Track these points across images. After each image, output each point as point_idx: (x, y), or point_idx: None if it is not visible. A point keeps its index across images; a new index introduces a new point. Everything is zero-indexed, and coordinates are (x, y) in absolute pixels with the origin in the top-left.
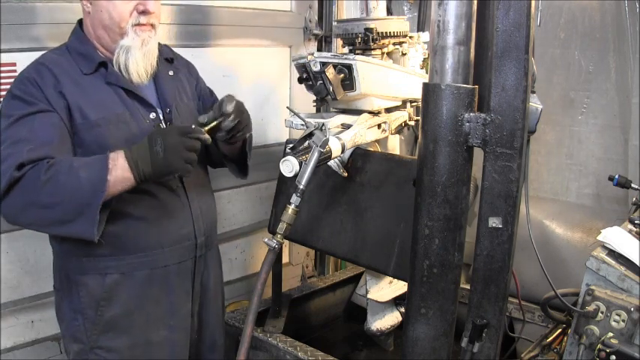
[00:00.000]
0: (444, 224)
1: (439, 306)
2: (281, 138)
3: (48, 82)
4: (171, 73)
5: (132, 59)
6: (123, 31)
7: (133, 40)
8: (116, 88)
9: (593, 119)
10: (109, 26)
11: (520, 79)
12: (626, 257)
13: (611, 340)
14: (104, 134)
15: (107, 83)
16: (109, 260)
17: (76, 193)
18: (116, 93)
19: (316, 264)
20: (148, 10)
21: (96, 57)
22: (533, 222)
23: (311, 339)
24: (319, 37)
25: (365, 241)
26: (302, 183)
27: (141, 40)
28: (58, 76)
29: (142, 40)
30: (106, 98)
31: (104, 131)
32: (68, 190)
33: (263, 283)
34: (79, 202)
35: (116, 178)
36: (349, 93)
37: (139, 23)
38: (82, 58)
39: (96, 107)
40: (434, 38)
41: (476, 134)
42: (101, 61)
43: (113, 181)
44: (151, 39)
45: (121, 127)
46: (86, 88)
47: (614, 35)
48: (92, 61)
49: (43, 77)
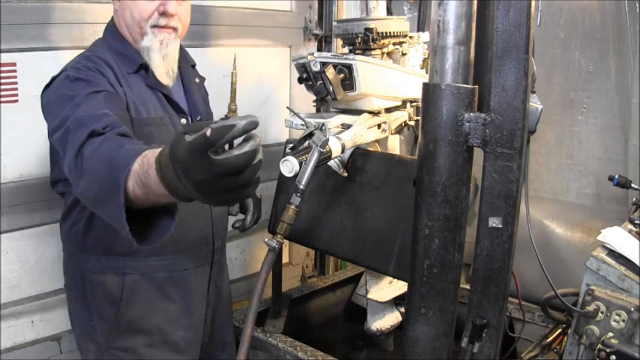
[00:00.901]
0: (444, 224)
1: (439, 306)
2: (281, 138)
3: (107, 73)
4: (198, 81)
5: (152, 61)
6: (143, 31)
7: (150, 42)
8: (155, 91)
9: (593, 119)
10: (130, 25)
11: (520, 79)
12: (626, 257)
13: (611, 340)
14: (154, 134)
15: (147, 86)
16: (129, 260)
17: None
18: (156, 96)
19: (316, 264)
20: (167, 12)
21: (137, 57)
22: (533, 222)
23: (311, 339)
24: (319, 37)
25: (365, 241)
26: (302, 183)
27: (159, 41)
28: (114, 69)
29: (159, 41)
30: (149, 100)
31: (154, 131)
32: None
33: (263, 283)
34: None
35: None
36: (349, 93)
37: (158, 25)
38: (123, 58)
39: (144, 106)
40: (434, 38)
41: (476, 134)
42: (142, 63)
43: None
44: (170, 42)
45: (164, 131)
46: (133, 87)
47: (614, 35)
48: (133, 62)
49: (102, 67)
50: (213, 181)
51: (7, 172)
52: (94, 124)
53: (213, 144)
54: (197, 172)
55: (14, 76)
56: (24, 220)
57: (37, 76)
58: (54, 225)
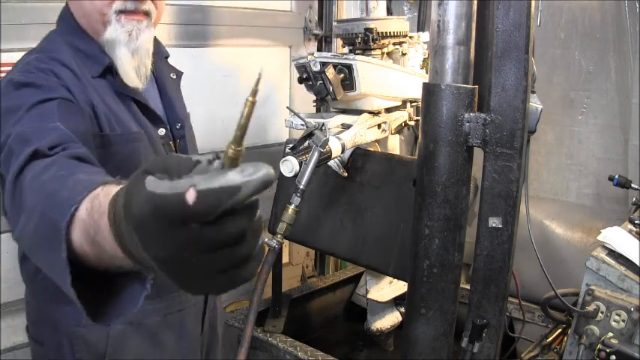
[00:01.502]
0: (444, 224)
1: (439, 306)
2: (281, 138)
3: (64, 75)
4: (174, 77)
5: (118, 59)
6: (105, 19)
7: (116, 32)
8: (125, 98)
9: (593, 119)
10: (89, 12)
11: (520, 79)
12: (626, 257)
13: (611, 340)
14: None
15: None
16: None
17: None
18: (127, 106)
19: (316, 264)
20: None
21: (102, 57)
22: (533, 222)
23: (311, 339)
24: (319, 37)
25: (365, 241)
26: (302, 183)
27: (127, 32)
28: (75, 72)
29: (127, 32)
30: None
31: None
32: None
33: (263, 283)
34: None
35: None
36: (349, 93)
37: (126, 10)
38: (84, 57)
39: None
40: (434, 38)
41: (476, 134)
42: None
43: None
44: (141, 32)
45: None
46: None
47: (614, 35)
48: (99, 62)
49: (57, 68)
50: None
51: None
52: (39, 141)
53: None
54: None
55: None
56: None
57: None
58: None
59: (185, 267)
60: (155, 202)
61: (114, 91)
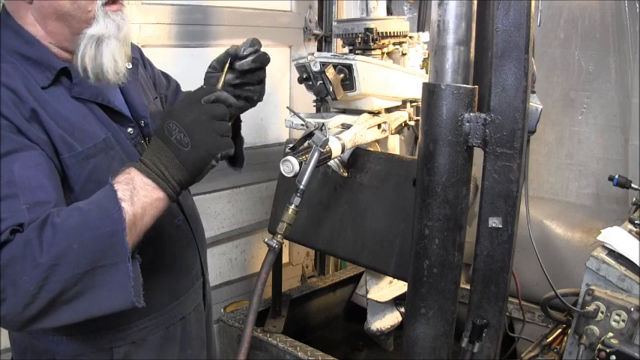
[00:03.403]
0: (444, 224)
1: (439, 306)
2: (281, 138)
3: (11, 108)
4: (129, 66)
5: (107, 52)
6: (91, 15)
7: (106, 27)
8: (86, 102)
9: (593, 119)
10: (71, 14)
11: (520, 79)
12: (626, 257)
13: (611, 340)
14: (100, 167)
15: (74, 98)
16: (117, 331)
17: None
18: (89, 110)
19: (316, 264)
20: None
21: (53, 62)
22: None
23: (311, 339)
24: (319, 37)
25: (365, 241)
26: (302, 183)
27: (116, 25)
28: (21, 96)
29: (117, 25)
30: (81, 120)
31: (99, 163)
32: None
33: (263, 283)
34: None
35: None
36: (349, 93)
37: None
38: (31, 65)
39: (77, 133)
40: (434, 38)
41: (476, 134)
42: (62, 68)
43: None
44: (124, 22)
45: (112, 156)
46: (56, 109)
47: (614, 35)
48: (49, 69)
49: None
50: (203, 123)
51: None
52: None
53: (205, 99)
54: (190, 113)
55: None
56: None
57: None
58: None
59: (200, 128)
60: (190, 96)
61: (70, 96)
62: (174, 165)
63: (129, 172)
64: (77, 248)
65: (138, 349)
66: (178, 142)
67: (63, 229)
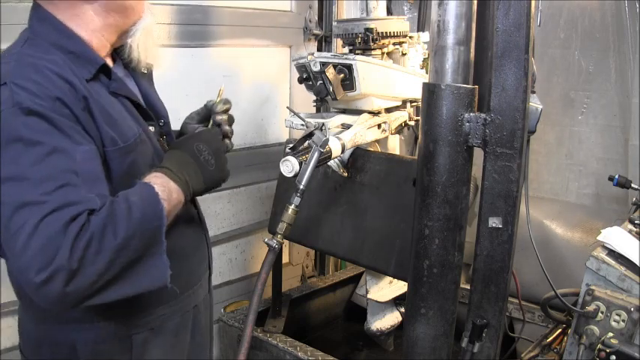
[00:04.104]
0: (444, 224)
1: (439, 306)
2: (281, 138)
3: (71, 97)
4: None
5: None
6: (142, 9)
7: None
8: (120, 98)
9: (593, 119)
10: (132, 7)
11: (520, 79)
12: (626, 257)
13: (611, 340)
14: (137, 161)
15: (111, 93)
16: (137, 319)
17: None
18: (123, 105)
19: (316, 264)
20: None
21: (95, 57)
22: (533, 222)
23: (311, 339)
24: (319, 37)
25: (365, 241)
26: (302, 183)
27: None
28: (75, 86)
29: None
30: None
31: (136, 157)
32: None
33: (263, 283)
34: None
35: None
36: (349, 93)
37: None
38: (72, 59)
39: (117, 128)
40: (434, 38)
41: (476, 134)
42: (103, 64)
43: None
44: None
45: (144, 150)
46: (99, 102)
47: (614, 35)
48: (91, 64)
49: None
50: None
51: None
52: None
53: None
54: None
55: None
56: None
57: None
58: None
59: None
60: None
61: (108, 92)
62: (197, 178)
63: (161, 177)
64: (138, 237)
65: (156, 335)
66: (206, 161)
67: (129, 218)
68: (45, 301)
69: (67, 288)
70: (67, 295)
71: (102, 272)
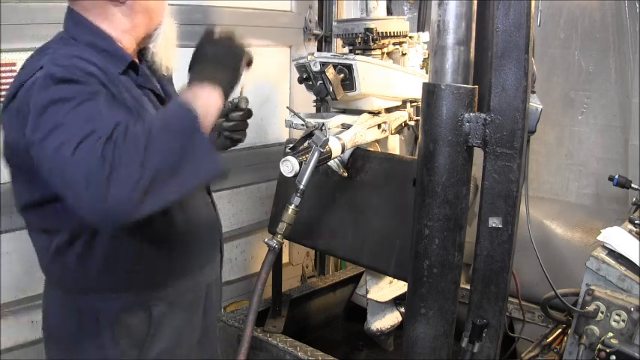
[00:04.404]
0: (444, 224)
1: (439, 306)
2: (281, 138)
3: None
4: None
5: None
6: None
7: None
8: (147, 91)
9: (593, 119)
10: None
11: (520, 79)
12: (626, 257)
13: (611, 340)
14: None
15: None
16: (156, 291)
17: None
18: (148, 97)
19: (316, 264)
20: None
21: (125, 55)
22: (533, 222)
23: (311, 339)
24: (319, 37)
25: (365, 241)
26: (302, 183)
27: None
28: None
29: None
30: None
31: None
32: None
33: (263, 283)
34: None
35: (203, 104)
36: (349, 93)
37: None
38: (108, 56)
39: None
40: (434, 38)
41: (476, 134)
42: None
43: (202, 107)
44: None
45: None
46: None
47: (614, 35)
48: (121, 60)
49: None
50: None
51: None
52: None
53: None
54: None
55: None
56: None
57: None
58: None
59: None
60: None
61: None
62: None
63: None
64: (172, 131)
65: (172, 309)
66: (213, 55)
67: (160, 119)
68: (124, 216)
69: (132, 193)
70: (118, 205)
71: (139, 168)
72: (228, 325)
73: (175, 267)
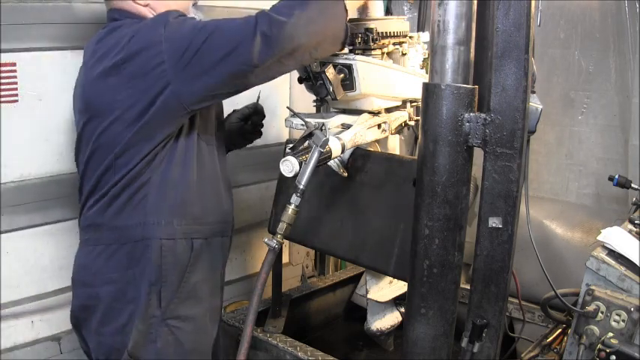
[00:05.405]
0: (444, 224)
1: (439, 306)
2: (281, 138)
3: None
4: None
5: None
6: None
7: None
8: None
9: (593, 119)
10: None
11: (520, 79)
12: (626, 257)
13: (611, 340)
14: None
15: None
16: (198, 225)
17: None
18: None
19: (316, 264)
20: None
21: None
22: (533, 222)
23: (311, 339)
24: None
25: (365, 241)
26: (302, 183)
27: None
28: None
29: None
30: None
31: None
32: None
33: (263, 283)
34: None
35: None
36: (349, 93)
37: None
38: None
39: None
40: (434, 38)
41: (476, 134)
42: None
43: None
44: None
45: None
46: None
47: (614, 35)
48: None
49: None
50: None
51: (7, 172)
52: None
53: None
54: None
55: (14, 76)
56: (24, 220)
57: (37, 76)
58: (54, 225)
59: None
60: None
61: None
62: None
63: None
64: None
65: (207, 246)
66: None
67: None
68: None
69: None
70: (289, 27)
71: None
72: (228, 325)
73: (211, 208)
